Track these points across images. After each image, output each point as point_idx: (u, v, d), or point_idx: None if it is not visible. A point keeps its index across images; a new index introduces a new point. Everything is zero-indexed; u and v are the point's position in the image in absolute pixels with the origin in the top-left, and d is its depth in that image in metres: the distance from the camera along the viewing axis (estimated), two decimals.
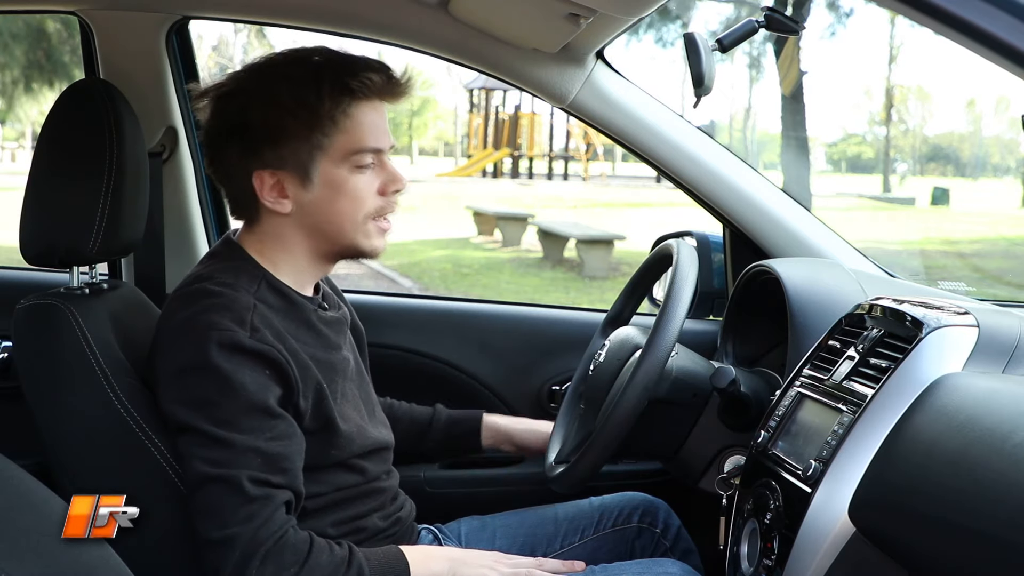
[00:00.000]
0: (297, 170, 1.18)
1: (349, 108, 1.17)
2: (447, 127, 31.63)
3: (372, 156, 1.20)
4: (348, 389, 1.26)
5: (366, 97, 1.18)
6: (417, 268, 9.46)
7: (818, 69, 25.42)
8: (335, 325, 1.28)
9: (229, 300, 1.13)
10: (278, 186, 1.19)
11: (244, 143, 1.18)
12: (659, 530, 1.49)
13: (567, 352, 1.82)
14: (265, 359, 1.12)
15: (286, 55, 1.22)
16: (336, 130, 1.17)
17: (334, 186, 1.19)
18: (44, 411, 1.17)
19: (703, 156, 1.66)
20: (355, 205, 1.20)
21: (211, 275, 1.18)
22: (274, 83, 1.18)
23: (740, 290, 1.62)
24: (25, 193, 1.24)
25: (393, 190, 1.22)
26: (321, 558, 1.10)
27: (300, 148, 1.17)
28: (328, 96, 1.16)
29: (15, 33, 12.59)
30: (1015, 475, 0.80)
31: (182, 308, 1.15)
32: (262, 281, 1.20)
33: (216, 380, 1.10)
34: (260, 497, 1.08)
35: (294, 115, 1.16)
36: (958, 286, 1.66)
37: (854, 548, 1.00)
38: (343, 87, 1.16)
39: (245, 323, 1.12)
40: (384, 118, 1.22)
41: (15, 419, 1.29)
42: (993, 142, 24.20)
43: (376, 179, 1.21)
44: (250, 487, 1.08)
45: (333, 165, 1.18)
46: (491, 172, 19.25)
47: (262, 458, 1.10)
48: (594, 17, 1.34)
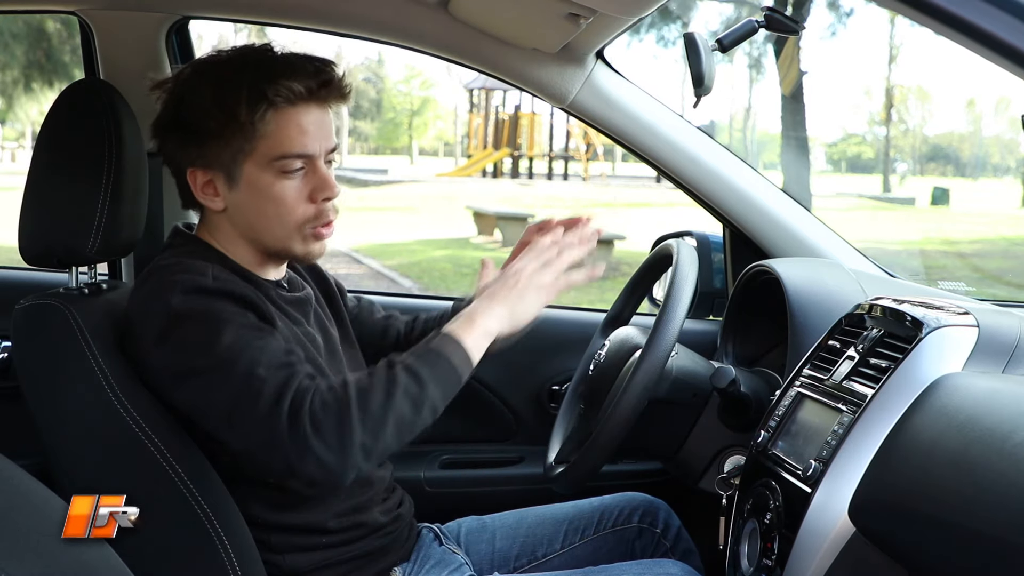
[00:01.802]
0: (223, 171, 1.18)
1: (267, 114, 1.15)
2: (447, 127, 31.63)
3: (301, 161, 1.18)
4: (316, 362, 1.24)
5: (288, 103, 1.16)
6: (417, 268, 9.46)
7: (818, 69, 25.45)
8: (297, 304, 1.28)
9: (187, 266, 1.14)
10: (210, 184, 1.20)
11: (178, 140, 1.20)
12: (659, 530, 1.49)
13: (567, 352, 1.82)
14: (233, 295, 1.12)
15: (225, 55, 1.21)
16: (257, 135, 1.16)
17: (258, 190, 1.18)
18: (44, 411, 1.17)
19: (703, 156, 1.66)
20: (281, 210, 1.19)
21: (165, 259, 1.19)
22: (204, 84, 1.18)
23: (740, 290, 1.62)
24: (24, 193, 1.24)
25: (323, 198, 1.19)
26: (363, 380, 1.07)
27: (223, 150, 1.17)
28: (246, 102, 1.15)
29: (15, 33, 12.59)
30: (1015, 475, 0.80)
31: (140, 286, 1.16)
32: (217, 263, 1.19)
33: (192, 321, 1.09)
34: (286, 370, 1.06)
35: (215, 118, 1.16)
36: (958, 286, 1.66)
37: (854, 548, 1.00)
38: (260, 94, 1.15)
39: (206, 274, 1.13)
40: (320, 122, 1.19)
41: (15, 419, 1.29)
42: (993, 142, 24.22)
43: (306, 185, 1.19)
44: (268, 375, 1.05)
45: (258, 169, 1.17)
46: (491, 172, 19.26)
47: (266, 363, 1.07)
48: (594, 17, 1.34)
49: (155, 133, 1.22)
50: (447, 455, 1.85)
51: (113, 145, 1.23)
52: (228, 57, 1.20)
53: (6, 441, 1.18)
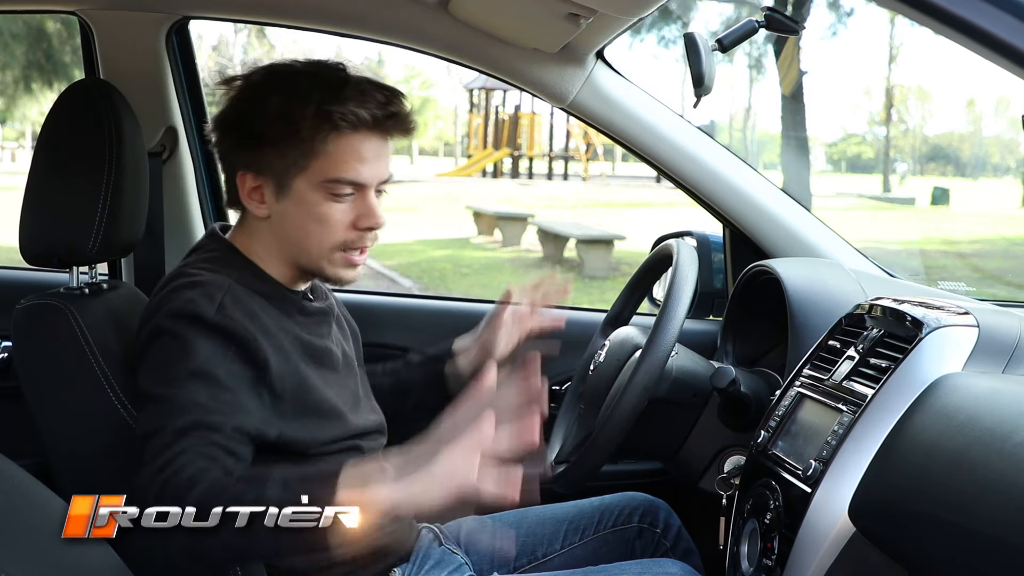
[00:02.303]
0: (275, 180, 1.18)
1: (329, 136, 1.15)
2: (447, 127, 31.60)
3: (351, 188, 1.18)
4: (329, 376, 1.25)
5: (351, 129, 1.16)
6: (417, 268, 9.45)
7: (818, 69, 25.41)
8: (319, 315, 1.28)
9: (202, 280, 1.14)
10: (258, 190, 1.19)
11: (235, 140, 1.19)
12: (659, 530, 1.48)
13: (567, 352, 1.81)
14: (228, 335, 1.11)
15: (299, 66, 1.20)
16: (314, 153, 1.16)
17: (306, 206, 1.18)
18: (44, 411, 1.17)
19: (703, 156, 1.66)
20: (324, 231, 1.19)
21: (190, 265, 1.19)
22: (272, 91, 1.17)
23: (740, 290, 1.62)
24: (25, 193, 1.24)
25: (366, 226, 1.20)
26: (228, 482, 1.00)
27: (279, 161, 1.17)
28: (310, 119, 1.15)
29: (15, 34, 12.59)
30: (1015, 475, 0.80)
31: (155, 295, 1.16)
32: (245, 270, 1.20)
33: (171, 343, 1.09)
34: (188, 446, 1.02)
35: (277, 128, 1.16)
36: (958, 286, 1.66)
37: (854, 548, 1.00)
38: (325, 115, 1.15)
39: (213, 300, 1.12)
40: (378, 152, 1.18)
41: (15, 419, 1.29)
42: (993, 142, 24.20)
43: (353, 211, 1.19)
44: (179, 438, 1.02)
45: (309, 186, 1.17)
46: (491, 172, 19.23)
47: (200, 416, 1.04)
48: (594, 17, 1.34)
49: (214, 128, 1.22)
50: None
51: (113, 145, 1.23)
52: (302, 70, 1.20)
53: (6, 441, 1.18)
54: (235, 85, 1.20)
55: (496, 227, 11.62)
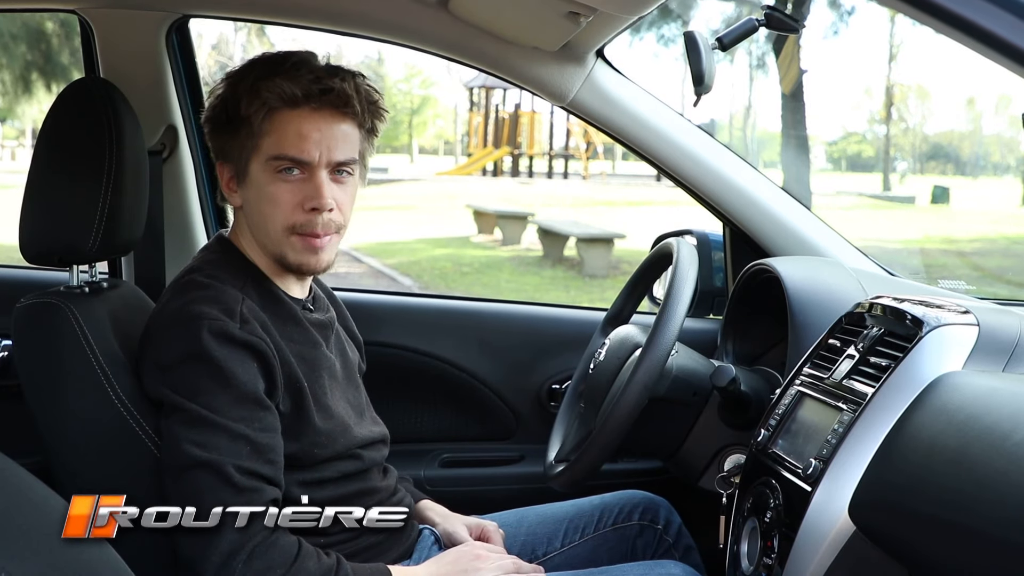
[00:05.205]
0: (236, 165, 1.22)
1: (266, 114, 1.18)
2: (447, 125, 31.60)
3: (296, 167, 1.18)
4: (333, 388, 1.26)
5: (287, 106, 1.17)
6: (417, 267, 9.46)
7: (818, 67, 25.41)
8: (320, 327, 1.29)
9: (218, 292, 1.15)
10: (233, 180, 1.23)
11: (208, 133, 1.24)
12: (660, 527, 1.49)
13: (567, 351, 1.82)
14: (253, 350, 1.13)
15: (259, 56, 1.24)
16: (259, 134, 1.18)
17: (258, 188, 1.20)
18: (44, 410, 1.17)
19: (703, 154, 1.66)
20: (274, 212, 1.19)
21: (201, 267, 1.21)
22: (226, 79, 1.22)
23: (740, 289, 1.62)
24: (25, 192, 1.24)
25: (311, 207, 1.19)
26: (308, 563, 1.10)
27: (236, 146, 1.20)
28: (247, 98, 1.18)
29: (15, 34, 12.59)
30: (1015, 474, 0.80)
31: (172, 299, 1.17)
32: (248, 277, 1.22)
33: (209, 369, 1.10)
34: (249, 489, 1.08)
35: (228, 113, 1.20)
36: (958, 284, 1.65)
37: (854, 547, 1.00)
38: (256, 92, 1.18)
39: (235, 314, 1.14)
40: (324, 130, 1.18)
41: (15, 419, 1.29)
42: (993, 140, 24.18)
43: (300, 192, 1.19)
44: (239, 477, 1.08)
45: (260, 167, 1.20)
46: (491, 171, 19.23)
47: (251, 447, 1.10)
48: (594, 15, 1.34)
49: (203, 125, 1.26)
50: (447, 454, 1.85)
51: (113, 144, 1.23)
52: (255, 58, 1.23)
53: (6, 440, 1.17)
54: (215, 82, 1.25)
55: (496, 226, 11.63)
